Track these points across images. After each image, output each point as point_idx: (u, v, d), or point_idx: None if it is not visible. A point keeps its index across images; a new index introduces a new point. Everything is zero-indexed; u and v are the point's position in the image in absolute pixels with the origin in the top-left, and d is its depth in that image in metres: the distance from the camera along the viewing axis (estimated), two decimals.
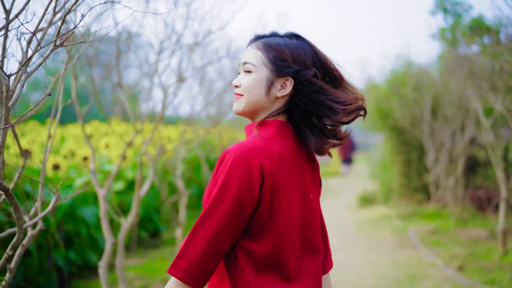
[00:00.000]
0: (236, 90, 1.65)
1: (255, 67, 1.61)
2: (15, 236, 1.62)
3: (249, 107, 1.62)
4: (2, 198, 1.75)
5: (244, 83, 1.62)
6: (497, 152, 6.11)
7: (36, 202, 2.07)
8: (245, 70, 1.63)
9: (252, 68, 1.61)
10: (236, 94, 1.65)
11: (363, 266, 5.69)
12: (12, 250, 1.59)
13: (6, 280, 1.72)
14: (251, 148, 1.51)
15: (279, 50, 1.61)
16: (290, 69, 1.59)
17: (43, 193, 2.02)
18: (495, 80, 5.53)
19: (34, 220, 1.75)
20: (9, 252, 1.58)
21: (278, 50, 1.61)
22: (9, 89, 1.38)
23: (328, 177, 17.58)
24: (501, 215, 5.71)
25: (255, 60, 1.61)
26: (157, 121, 3.69)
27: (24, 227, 1.63)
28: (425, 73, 9.22)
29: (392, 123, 9.71)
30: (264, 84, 1.60)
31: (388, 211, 9.17)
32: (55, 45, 1.47)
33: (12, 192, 1.56)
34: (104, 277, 3.54)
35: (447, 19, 9.65)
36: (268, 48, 1.61)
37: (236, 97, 1.65)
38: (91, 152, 3.50)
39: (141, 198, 3.88)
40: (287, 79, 1.60)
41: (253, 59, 1.62)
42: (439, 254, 5.98)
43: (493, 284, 4.74)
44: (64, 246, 4.79)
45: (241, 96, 1.63)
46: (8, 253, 1.58)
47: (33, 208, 1.98)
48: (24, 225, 1.63)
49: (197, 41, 3.51)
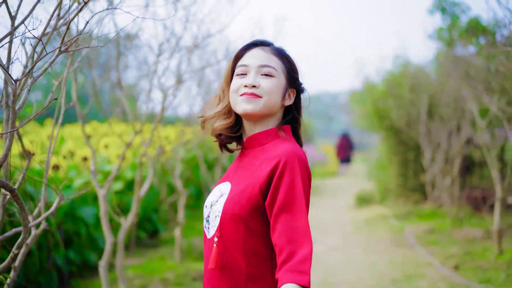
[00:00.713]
0: (254, 90, 1.60)
1: (277, 72, 1.63)
2: (20, 236, 1.67)
3: (266, 110, 1.62)
4: (7, 198, 1.80)
5: (265, 86, 1.60)
6: (492, 152, 6.17)
7: (39, 202, 2.12)
8: (264, 73, 1.61)
9: (274, 72, 1.63)
10: (253, 95, 1.60)
11: (362, 266, 5.75)
12: (17, 249, 1.64)
13: (11, 277, 1.76)
14: (303, 152, 1.62)
15: (292, 62, 1.69)
16: (298, 82, 1.70)
17: (46, 194, 2.07)
18: (490, 81, 5.59)
19: (38, 219, 1.80)
20: (15, 250, 1.63)
21: (291, 61, 1.69)
22: (16, 93, 1.43)
23: (326, 177, 17.65)
24: (496, 215, 5.78)
25: (276, 66, 1.63)
26: (157, 122, 3.74)
27: (30, 226, 1.68)
28: (422, 74, 9.29)
29: (389, 123, 9.78)
30: (282, 90, 1.64)
31: (385, 211, 9.23)
32: (60, 51, 1.52)
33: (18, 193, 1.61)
34: (105, 276, 3.59)
35: (445, 19, 9.72)
36: (283, 58, 1.66)
37: (252, 97, 1.60)
38: (91, 153, 3.55)
39: (141, 198, 3.93)
40: (293, 90, 1.69)
41: (274, 64, 1.63)
42: (435, 254, 6.05)
43: (488, 283, 4.80)
44: (64, 246, 4.84)
45: (259, 97, 1.60)
46: (14, 251, 1.62)
47: (37, 208, 2.03)
48: (30, 224, 1.68)
49: (196, 43, 3.57)
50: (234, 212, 1.57)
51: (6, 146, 1.48)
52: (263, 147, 1.65)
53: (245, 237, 1.56)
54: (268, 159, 1.58)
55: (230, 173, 1.73)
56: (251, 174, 1.61)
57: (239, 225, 1.56)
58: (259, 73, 1.61)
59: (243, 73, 1.63)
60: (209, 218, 1.65)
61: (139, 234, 6.54)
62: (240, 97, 1.61)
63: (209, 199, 1.70)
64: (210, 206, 1.67)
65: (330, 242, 7.02)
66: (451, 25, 9.08)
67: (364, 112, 10.78)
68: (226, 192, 1.64)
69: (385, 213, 8.96)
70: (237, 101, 1.62)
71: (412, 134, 9.14)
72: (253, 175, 1.60)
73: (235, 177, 1.67)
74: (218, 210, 1.62)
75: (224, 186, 1.68)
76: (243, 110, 1.60)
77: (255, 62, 1.62)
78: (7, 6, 1.70)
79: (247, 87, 1.59)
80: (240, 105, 1.61)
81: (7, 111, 1.79)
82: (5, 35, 1.66)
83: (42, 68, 1.66)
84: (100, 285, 4.80)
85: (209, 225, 1.64)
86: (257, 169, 1.60)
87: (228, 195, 1.62)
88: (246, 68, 1.62)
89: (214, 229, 1.61)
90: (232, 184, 1.65)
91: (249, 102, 1.59)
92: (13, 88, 1.45)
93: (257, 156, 1.64)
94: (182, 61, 3.69)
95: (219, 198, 1.65)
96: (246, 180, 1.61)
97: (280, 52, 1.67)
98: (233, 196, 1.59)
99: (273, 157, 1.57)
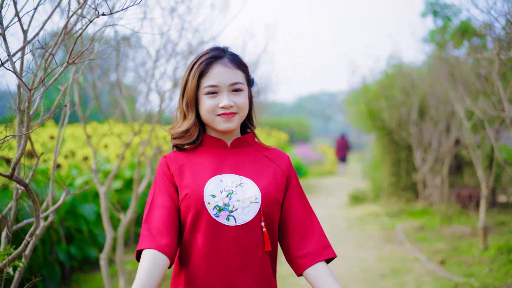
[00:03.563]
0: (232, 109, 1.72)
1: (243, 85, 1.76)
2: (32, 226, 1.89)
3: (241, 120, 1.78)
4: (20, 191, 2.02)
5: (239, 102, 1.73)
6: (477, 152, 6.40)
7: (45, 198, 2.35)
8: (234, 89, 1.73)
9: (242, 86, 1.75)
10: (231, 114, 1.73)
11: (351, 260, 5.98)
12: (30, 237, 1.86)
13: (23, 263, 1.99)
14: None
15: (245, 64, 1.80)
16: (252, 80, 1.84)
17: (53, 189, 2.29)
18: (474, 84, 5.82)
19: (48, 211, 2.02)
20: (28, 238, 1.85)
21: (245, 64, 1.80)
22: (31, 100, 1.65)
23: (322, 176, 17.91)
24: (482, 212, 6.00)
25: (242, 79, 1.76)
26: (154, 123, 3.95)
27: (42, 217, 1.90)
28: (414, 75, 9.50)
29: (382, 124, 9.99)
30: (248, 97, 1.80)
31: (378, 209, 9.46)
32: (68, 63, 1.74)
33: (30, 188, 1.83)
34: (105, 268, 3.80)
35: (437, 22, 9.94)
36: (241, 65, 1.77)
37: (231, 116, 1.73)
38: (93, 153, 3.76)
39: (139, 195, 4.14)
40: (250, 88, 1.83)
41: (240, 78, 1.76)
42: (423, 250, 6.27)
43: (471, 277, 5.01)
44: (66, 242, 5.06)
45: (235, 114, 1.74)
46: (27, 239, 1.84)
47: (45, 202, 2.25)
48: (41, 215, 1.90)
49: (191, 49, 3.79)
50: (276, 196, 1.75)
51: (21, 146, 1.70)
52: (253, 146, 1.85)
53: (278, 219, 1.79)
54: (276, 157, 1.85)
55: (222, 167, 1.76)
56: (266, 166, 1.80)
57: (277, 209, 1.76)
58: (230, 91, 1.72)
59: (214, 92, 1.71)
60: (228, 207, 1.68)
61: (137, 231, 6.76)
62: (218, 117, 1.72)
63: (216, 189, 1.70)
64: (227, 195, 1.69)
65: None
66: (443, 28, 9.30)
67: (358, 113, 11.00)
68: (247, 181, 1.73)
69: (377, 211, 9.19)
70: (215, 120, 1.73)
71: (403, 135, 9.35)
72: (269, 167, 1.80)
73: (241, 169, 1.76)
74: (253, 197, 1.70)
75: (232, 177, 1.74)
76: (225, 128, 1.73)
77: (225, 81, 1.72)
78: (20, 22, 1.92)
79: (224, 108, 1.71)
80: (220, 125, 1.73)
81: (19, 115, 2.01)
82: (19, 49, 1.88)
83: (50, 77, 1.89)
84: (100, 278, 5.03)
85: (233, 213, 1.68)
86: (269, 164, 1.81)
87: (257, 183, 1.73)
88: (216, 88, 1.71)
89: (249, 216, 1.68)
90: (246, 175, 1.75)
91: (228, 121, 1.73)
92: (28, 96, 1.67)
93: (253, 153, 1.83)
94: (178, 66, 3.91)
95: (236, 187, 1.71)
96: (264, 171, 1.78)
97: (238, 61, 1.77)
98: (268, 184, 1.75)
99: (280, 155, 1.86)
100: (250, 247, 1.69)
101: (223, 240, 1.67)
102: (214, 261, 1.68)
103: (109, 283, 3.82)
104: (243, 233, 1.67)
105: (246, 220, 1.68)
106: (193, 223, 1.69)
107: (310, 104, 61.87)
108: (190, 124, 1.75)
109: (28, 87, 1.67)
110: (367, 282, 5.10)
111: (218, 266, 1.68)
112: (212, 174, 1.74)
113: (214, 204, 1.67)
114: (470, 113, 6.90)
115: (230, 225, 1.67)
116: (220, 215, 1.67)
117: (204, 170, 1.75)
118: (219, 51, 1.76)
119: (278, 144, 16.55)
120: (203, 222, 1.67)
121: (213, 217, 1.66)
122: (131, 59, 4.21)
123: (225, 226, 1.67)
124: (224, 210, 1.67)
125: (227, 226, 1.67)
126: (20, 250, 1.83)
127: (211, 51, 1.76)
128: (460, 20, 9.76)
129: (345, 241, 7.07)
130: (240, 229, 1.67)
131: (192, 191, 1.69)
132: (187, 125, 1.76)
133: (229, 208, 1.67)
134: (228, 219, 1.67)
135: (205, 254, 1.68)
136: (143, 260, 1.59)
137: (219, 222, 1.67)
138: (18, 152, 1.72)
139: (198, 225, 1.68)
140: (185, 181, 1.73)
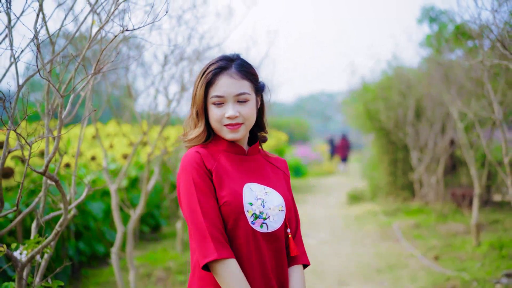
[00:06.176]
0: (237, 120, 1.77)
1: (250, 95, 1.80)
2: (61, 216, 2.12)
3: (248, 130, 1.83)
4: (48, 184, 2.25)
5: (245, 113, 1.78)
6: (470, 152, 6.63)
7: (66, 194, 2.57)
8: (240, 100, 1.77)
9: (249, 96, 1.79)
10: (237, 124, 1.78)
11: (349, 257, 6.20)
12: (59, 227, 2.09)
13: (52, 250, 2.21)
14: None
15: (254, 72, 1.84)
16: (261, 86, 1.87)
17: (75, 185, 2.52)
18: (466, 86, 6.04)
19: (73, 204, 2.25)
20: (58, 228, 2.07)
21: (254, 72, 1.84)
22: (63, 105, 1.88)
23: (321, 176, 18.15)
24: (475, 210, 6.23)
25: (248, 89, 1.79)
26: (162, 126, 4.18)
27: (70, 208, 2.13)
28: (411, 77, 9.72)
29: (380, 124, 10.20)
30: (255, 106, 1.84)
31: (375, 207, 9.68)
32: (93, 73, 1.97)
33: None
34: (116, 262, 4.02)
35: (433, 27, 10.17)
36: (248, 74, 1.81)
37: (237, 127, 1.78)
38: (104, 152, 3.99)
39: (148, 192, 4.36)
40: (259, 95, 1.88)
41: (246, 88, 1.79)
42: (418, 246, 6.50)
43: (463, 271, 5.23)
44: (75, 238, 5.29)
45: (241, 124, 1.79)
46: (57, 228, 2.07)
47: (68, 195, 2.48)
48: (69, 206, 2.13)
49: (197, 55, 4.02)
50: (294, 204, 1.90)
51: (54, 146, 1.93)
52: (260, 154, 1.95)
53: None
54: (280, 163, 1.97)
55: (245, 174, 1.84)
56: (274, 175, 1.90)
57: (295, 215, 1.89)
58: (235, 101, 1.77)
59: (220, 103, 1.77)
60: (262, 214, 1.77)
61: (142, 229, 6.99)
62: (224, 127, 1.79)
63: (251, 197, 1.77)
64: (261, 204, 1.77)
65: (321, 236, 7.47)
66: (438, 32, 9.53)
67: (357, 114, 11.21)
68: (269, 190, 1.83)
69: (375, 210, 9.41)
70: (222, 130, 1.80)
71: (401, 135, 9.58)
72: (277, 175, 1.91)
73: (260, 178, 1.85)
74: (280, 205, 1.81)
75: (258, 186, 1.82)
76: (231, 138, 1.81)
77: (230, 92, 1.76)
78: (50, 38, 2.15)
79: (230, 118, 1.77)
80: (226, 135, 1.80)
81: (48, 118, 2.24)
82: (49, 60, 2.11)
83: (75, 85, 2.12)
84: (108, 273, 5.26)
85: (266, 220, 1.77)
86: (277, 171, 1.93)
87: (279, 192, 1.84)
88: (222, 99, 1.76)
89: (278, 223, 1.79)
90: (268, 184, 1.85)
91: (234, 132, 1.79)
92: (61, 102, 1.90)
93: (262, 160, 1.92)
94: (185, 71, 4.13)
95: (264, 195, 1.80)
96: (273, 178, 1.88)
97: (245, 71, 1.80)
98: (286, 192, 1.87)
99: (281, 161, 1.98)
100: (279, 252, 1.80)
101: (258, 245, 1.76)
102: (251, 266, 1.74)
103: (120, 276, 4.05)
104: (273, 239, 1.79)
105: (275, 227, 1.79)
106: (231, 229, 1.74)
107: (310, 104, 62.10)
108: (200, 132, 1.82)
109: (61, 93, 1.89)
110: (364, 277, 5.33)
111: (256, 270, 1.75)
112: (242, 182, 1.80)
113: (252, 212, 1.75)
114: (464, 115, 7.13)
115: (263, 231, 1.77)
116: (255, 222, 1.75)
117: (234, 177, 1.80)
118: (227, 61, 1.80)
119: (278, 144, 16.78)
120: (241, 228, 1.74)
121: (250, 224, 1.75)
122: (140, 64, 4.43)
123: (259, 233, 1.76)
124: (259, 217, 1.76)
125: (260, 232, 1.76)
126: (51, 238, 2.06)
127: (219, 60, 1.81)
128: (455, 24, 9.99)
129: (344, 239, 7.30)
130: (271, 236, 1.78)
131: (233, 198, 1.74)
132: (197, 133, 1.83)
133: (263, 216, 1.76)
134: (262, 226, 1.76)
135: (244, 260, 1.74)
136: (235, 273, 1.67)
137: (254, 228, 1.75)
138: (51, 152, 1.95)
139: (237, 231, 1.74)
140: (223, 186, 1.76)
